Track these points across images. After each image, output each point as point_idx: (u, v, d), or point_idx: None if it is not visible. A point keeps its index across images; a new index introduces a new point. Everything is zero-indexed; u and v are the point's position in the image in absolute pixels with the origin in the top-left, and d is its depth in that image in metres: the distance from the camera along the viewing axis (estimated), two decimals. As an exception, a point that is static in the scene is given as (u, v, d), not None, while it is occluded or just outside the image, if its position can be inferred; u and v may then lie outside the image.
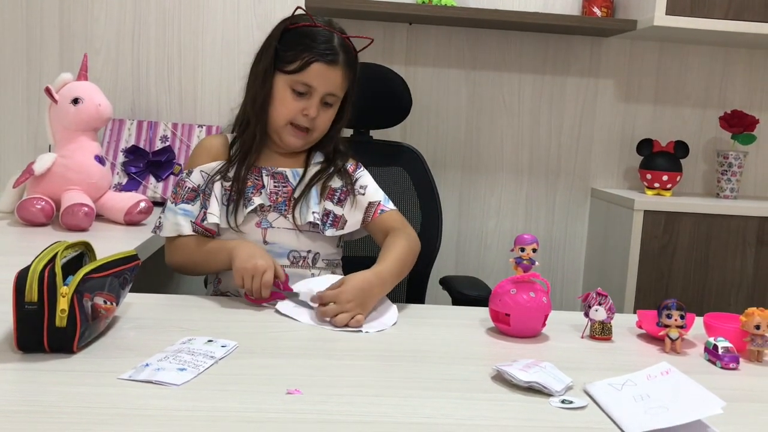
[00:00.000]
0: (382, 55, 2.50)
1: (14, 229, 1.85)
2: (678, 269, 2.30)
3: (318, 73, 1.44)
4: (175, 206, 1.48)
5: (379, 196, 1.55)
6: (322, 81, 1.45)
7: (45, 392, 0.89)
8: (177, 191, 1.50)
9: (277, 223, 1.48)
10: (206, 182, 1.49)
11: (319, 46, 1.44)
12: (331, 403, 0.91)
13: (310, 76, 1.44)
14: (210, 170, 1.49)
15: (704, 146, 2.66)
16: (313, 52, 1.44)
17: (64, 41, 2.41)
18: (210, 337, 1.12)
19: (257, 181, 1.49)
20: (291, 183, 1.50)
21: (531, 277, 1.25)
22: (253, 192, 1.47)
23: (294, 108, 1.46)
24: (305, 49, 1.44)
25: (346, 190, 1.52)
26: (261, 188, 1.48)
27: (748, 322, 1.17)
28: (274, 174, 1.50)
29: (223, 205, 1.47)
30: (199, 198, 1.48)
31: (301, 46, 1.45)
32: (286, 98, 1.46)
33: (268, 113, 1.49)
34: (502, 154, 2.61)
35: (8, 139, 2.43)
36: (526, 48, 2.56)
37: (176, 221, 1.47)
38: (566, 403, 0.95)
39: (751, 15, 2.26)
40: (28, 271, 0.98)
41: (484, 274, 2.59)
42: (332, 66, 1.45)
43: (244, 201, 1.46)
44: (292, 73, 1.45)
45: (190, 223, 1.47)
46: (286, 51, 1.46)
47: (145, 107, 2.46)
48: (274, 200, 1.48)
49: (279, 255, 1.47)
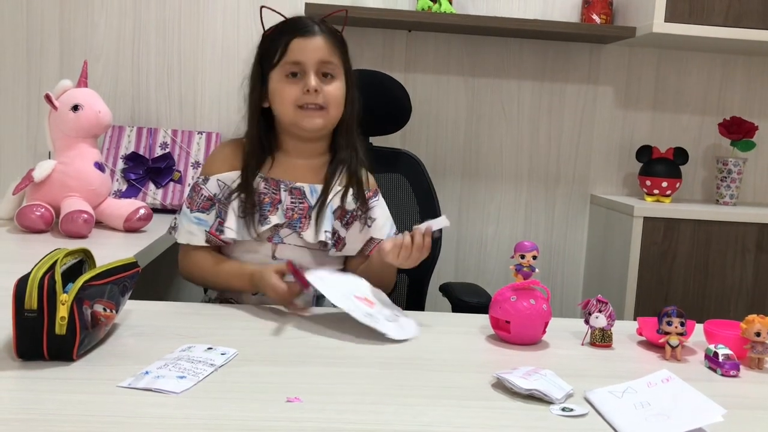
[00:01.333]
0: (381, 62, 2.50)
1: (13, 236, 1.85)
2: (678, 276, 2.30)
3: (299, 47, 1.44)
4: (190, 213, 1.48)
5: (382, 233, 1.53)
6: (306, 53, 1.44)
7: (44, 400, 0.89)
8: (193, 197, 1.49)
9: (289, 239, 1.47)
10: (223, 192, 1.47)
11: (291, 27, 1.46)
12: (330, 411, 0.91)
13: (293, 53, 1.44)
14: (228, 180, 1.48)
15: (703, 153, 2.66)
16: (289, 33, 1.45)
17: (64, 48, 2.41)
18: (210, 345, 1.11)
19: (275, 195, 1.47)
20: (308, 200, 1.48)
21: (531, 284, 1.25)
22: (270, 209, 1.46)
23: (295, 90, 1.44)
24: (283, 35, 1.46)
25: (356, 215, 1.52)
26: (278, 203, 1.47)
27: (748, 329, 1.17)
28: (292, 189, 1.48)
29: (239, 217, 1.46)
30: (215, 208, 1.47)
31: (279, 35, 1.46)
32: (284, 86, 1.45)
33: (270, 118, 1.49)
34: (501, 161, 2.61)
35: (8, 146, 2.44)
36: (525, 55, 2.57)
37: (190, 229, 1.47)
38: (567, 410, 0.95)
39: (749, 22, 2.27)
40: (28, 279, 0.98)
41: (483, 280, 2.59)
42: (311, 36, 1.45)
43: (260, 217, 1.45)
44: (279, 62, 1.45)
45: (204, 232, 1.46)
46: (267, 51, 1.47)
47: (145, 114, 2.46)
48: (289, 216, 1.47)
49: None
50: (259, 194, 1.47)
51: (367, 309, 1.27)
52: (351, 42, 2.53)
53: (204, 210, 1.48)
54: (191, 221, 1.47)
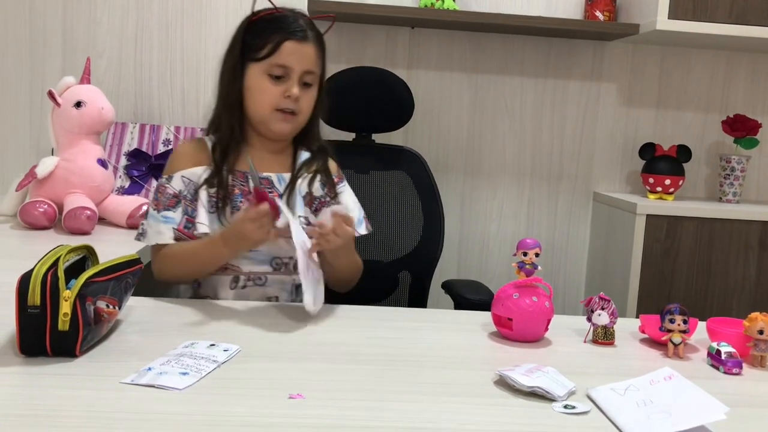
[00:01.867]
0: (384, 58, 2.50)
1: (17, 232, 1.85)
2: (680, 273, 2.30)
3: (291, 51, 1.43)
4: (157, 213, 1.45)
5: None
6: (297, 58, 1.43)
7: (47, 396, 0.89)
8: (158, 197, 1.46)
9: None
10: (188, 188, 1.46)
11: (286, 26, 1.44)
12: (333, 408, 0.91)
13: (284, 56, 1.43)
14: (192, 176, 1.46)
15: (707, 150, 2.66)
16: (282, 32, 1.43)
17: (67, 45, 2.41)
18: (212, 341, 1.11)
19: (243, 187, 1.47)
20: (277, 189, 1.48)
21: (533, 281, 1.25)
22: (242, 200, 1.45)
23: (275, 93, 1.44)
24: (274, 32, 1.43)
25: (325, 201, 1.52)
26: (248, 194, 1.46)
27: (751, 327, 1.17)
28: (260, 179, 1.46)
29: (210, 212, 1.44)
30: (181, 204, 1.45)
31: (270, 30, 1.44)
32: (265, 85, 1.44)
33: (242, 109, 1.48)
34: (504, 158, 2.61)
35: (11, 143, 2.44)
36: (528, 52, 2.56)
37: (158, 229, 1.44)
38: (569, 408, 0.95)
39: (753, 19, 2.26)
40: (31, 275, 0.98)
41: (486, 277, 2.59)
42: (304, 42, 1.44)
43: (231, 209, 1.44)
44: (266, 58, 1.43)
45: (172, 230, 1.44)
46: (254, 40, 1.45)
47: (148, 111, 2.46)
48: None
49: (262, 262, 1.46)
50: (229, 186, 1.45)
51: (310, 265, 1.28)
52: (353, 38, 2.54)
53: (170, 208, 1.45)
54: (159, 221, 1.44)
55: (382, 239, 2.04)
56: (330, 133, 2.17)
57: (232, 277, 1.45)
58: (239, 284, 1.45)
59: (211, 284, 1.46)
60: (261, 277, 1.46)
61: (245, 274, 1.45)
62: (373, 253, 2.03)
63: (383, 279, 2.04)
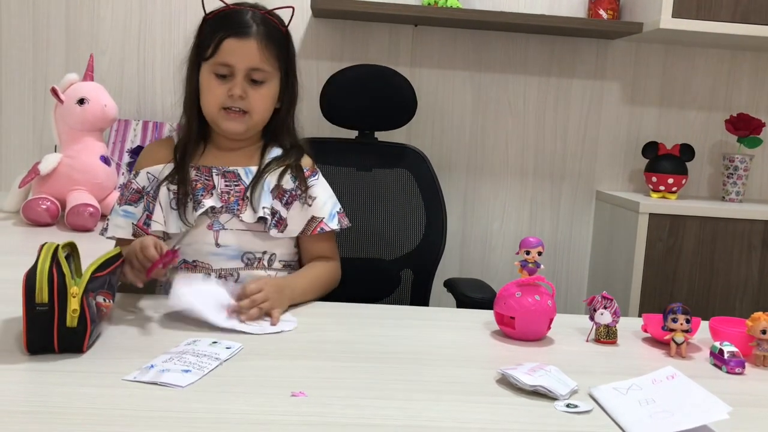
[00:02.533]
0: (387, 56, 2.50)
1: (20, 228, 1.86)
2: (683, 272, 2.29)
3: (231, 49, 1.41)
4: (119, 207, 1.46)
5: (324, 212, 1.49)
6: (237, 57, 1.41)
7: (50, 393, 0.89)
8: (123, 192, 1.47)
9: (230, 224, 1.43)
10: (152, 185, 1.46)
11: (228, 24, 1.43)
12: (335, 406, 0.91)
13: (224, 54, 1.41)
14: (156, 172, 1.46)
15: (710, 149, 2.65)
16: (224, 31, 1.42)
17: (70, 42, 2.41)
18: (215, 339, 1.12)
19: (207, 181, 1.44)
20: (244, 182, 1.46)
21: (536, 280, 1.25)
22: (203, 194, 1.43)
23: (220, 92, 1.42)
24: (218, 30, 1.43)
25: (296, 194, 1.49)
26: (212, 189, 1.44)
27: (754, 326, 1.17)
28: (225, 173, 1.46)
29: (173, 209, 1.42)
30: (143, 200, 1.46)
31: (215, 28, 1.43)
32: (211, 85, 1.43)
33: (198, 108, 1.47)
34: (507, 156, 2.60)
35: (14, 139, 2.44)
36: (531, 50, 2.56)
37: (117, 223, 1.45)
38: (571, 407, 0.95)
39: (757, 18, 2.25)
40: (36, 272, 0.98)
41: (488, 276, 2.58)
42: (244, 39, 1.42)
43: (194, 203, 1.42)
44: (210, 58, 1.43)
45: (131, 225, 1.45)
46: (204, 40, 1.45)
47: (151, 108, 2.46)
48: (225, 200, 1.43)
49: (232, 257, 1.43)
50: (191, 182, 1.44)
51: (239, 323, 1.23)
52: (356, 36, 2.53)
53: (132, 203, 1.46)
54: (119, 214, 1.45)
55: (385, 237, 2.04)
56: (333, 130, 2.18)
57: (204, 274, 1.41)
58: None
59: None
60: (233, 273, 1.43)
61: (216, 271, 1.42)
62: (375, 251, 2.03)
63: (385, 277, 2.04)
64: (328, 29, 2.47)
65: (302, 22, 2.46)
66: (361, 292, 1.57)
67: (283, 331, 1.21)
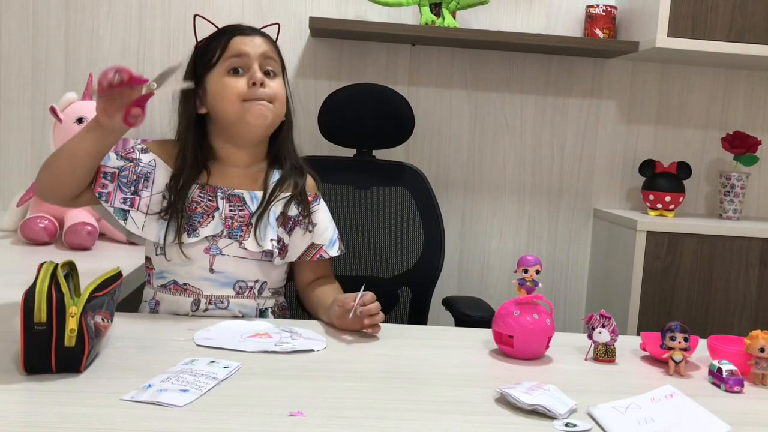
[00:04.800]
0: (385, 75, 2.51)
1: (17, 247, 1.86)
2: (681, 290, 2.29)
3: (241, 41, 1.42)
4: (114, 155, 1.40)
5: (324, 239, 1.49)
6: (249, 46, 1.41)
7: (46, 413, 0.89)
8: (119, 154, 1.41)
9: (228, 250, 1.40)
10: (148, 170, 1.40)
11: (230, 29, 1.45)
12: (333, 426, 0.90)
13: (236, 47, 1.41)
14: (159, 165, 1.42)
15: (707, 167, 2.66)
16: (228, 34, 1.43)
17: (69, 61, 2.43)
18: (212, 358, 1.11)
19: (211, 202, 1.40)
20: (249, 207, 1.42)
21: (534, 298, 1.25)
22: (202, 219, 1.39)
23: (239, 84, 1.39)
24: (219, 37, 1.44)
25: (298, 220, 1.47)
26: (214, 211, 1.40)
27: (752, 344, 1.17)
28: (230, 197, 1.42)
29: (162, 219, 1.38)
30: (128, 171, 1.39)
31: (214, 41, 1.44)
32: (227, 82, 1.39)
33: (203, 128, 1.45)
34: (504, 175, 2.61)
35: (12, 158, 2.44)
36: (528, 69, 2.57)
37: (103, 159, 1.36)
38: (570, 426, 0.94)
39: (752, 37, 2.27)
40: (35, 292, 0.97)
41: (486, 294, 2.58)
42: (251, 35, 1.44)
43: (189, 228, 1.37)
44: (219, 59, 1.41)
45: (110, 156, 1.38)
46: (205, 55, 1.43)
47: (149, 127, 2.47)
48: (229, 225, 1.40)
49: (224, 284, 1.40)
50: (192, 202, 1.40)
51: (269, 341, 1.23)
52: (354, 55, 2.55)
53: (124, 159, 1.40)
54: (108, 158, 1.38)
55: (383, 255, 2.04)
56: (331, 149, 2.18)
57: (193, 299, 1.39)
58: (200, 307, 1.39)
59: (170, 304, 1.41)
60: (223, 301, 1.40)
61: (206, 297, 1.40)
62: (373, 269, 2.03)
63: (383, 295, 2.02)
64: (326, 49, 2.49)
65: (300, 41, 2.48)
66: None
67: (314, 350, 1.21)
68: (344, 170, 2.07)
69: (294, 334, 1.28)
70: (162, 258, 1.41)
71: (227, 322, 1.32)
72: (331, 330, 1.34)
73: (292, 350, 1.19)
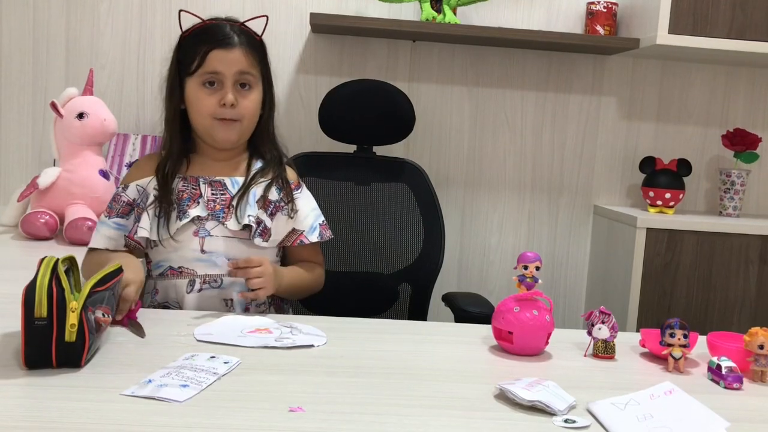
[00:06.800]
0: (386, 72, 2.51)
1: (18, 242, 1.86)
2: (680, 287, 2.30)
3: (219, 58, 1.46)
4: (108, 219, 1.49)
5: (305, 225, 1.56)
6: (225, 64, 1.46)
7: (47, 408, 0.89)
8: (111, 205, 1.51)
9: (215, 231, 1.48)
10: (141, 197, 1.50)
11: (211, 37, 1.47)
12: (333, 421, 0.91)
13: (212, 63, 1.46)
14: (144, 184, 1.50)
15: (707, 164, 2.66)
16: (207, 44, 1.47)
17: (70, 56, 2.42)
18: (212, 353, 1.11)
19: (194, 190, 1.49)
20: (230, 191, 1.51)
21: (534, 295, 1.25)
22: (189, 203, 1.47)
23: (211, 102, 1.47)
24: (200, 44, 1.47)
25: (280, 206, 1.54)
26: (198, 197, 1.48)
27: (751, 341, 1.17)
28: (212, 182, 1.51)
29: (156, 216, 1.46)
30: (134, 212, 1.50)
31: (197, 43, 1.48)
32: (201, 96, 1.47)
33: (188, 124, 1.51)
34: (504, 171, 2.61)
35: (13, 153, 2.44)
36: (529, 65, 2.57)
37: (109, 234, 1.48)
38: (569, 422, 0.95)
39: (752, 34, 2.27)
40: (35, 287, 0.98)
41: (486, 290, 2.59)
42: (230, 48, 1.47)
43: (179, 213, 1.46)
44: (196, 70, 1.47)
45: (123, 237, 1.49)
46: (186, 56, 1.49)
47: (150, 122, 2.47)
48: (211, 208, 1.48)
49: (216, 264, 1.47)
50: (178, 192, 1.48)
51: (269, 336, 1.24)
52: (355, 52, 2.54)
53: (123, 215, 1.50)
54: (110, 227, 1.49)
55: (383, 251, 2.04)
56: (331, 144, 2.18)
57: (189, 280, 1.47)
58: (195, 287, 1.47)
59: (167, 289, 1.48)
60: (217, 279, 1.47)
61: (200, 277, 1.47)
62: (373, 265, 2.04)
63: (383, 291, 2.04)
64: (327, 45, 2.49)
65: (301, 37, 2.47)
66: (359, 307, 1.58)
67: (315, 345, 1.21)
68: (344, 166, 2.07)
69: (294, 329, 1.28)
70: (158, 248, 1.48)
71: (227, 317, 1.33)
72: (332, 325, 1.35)
73: (292, 345, 1.20)
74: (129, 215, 1.50)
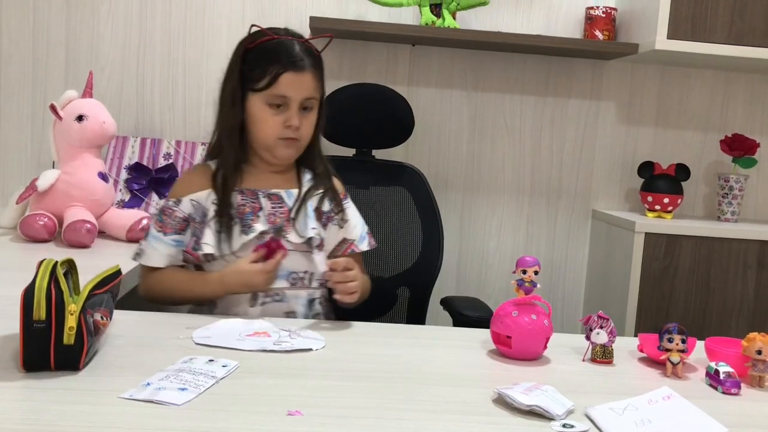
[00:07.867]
0: (385, 76, 2.51)
1: (16, 245, 1.86)
2: (679, 292, 2.30)
3: (289, 82, 1.45)
4: (165, 236, 1.47)
5: (355, 234, 1.58)
6: (295, 89, 1.46)
7: (45, 411, 0.89)
8: (164, 220, 1.48)
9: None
10: (197, 212, 1.48)
11: (283, 57, 1.46)
12: (331, 425, 0.91)
13: (283, 88, 1.45)
14: (201, 199, 1.48)
15: (705, 169, 2.67)
16: (279, 64, 1.45)
17: (69, 58, 2.43)
18: (211, 357, 1.11)
19: (254, 204, 1.49)
20: (287, 204, 1.52)
21: (532, 299, 1.25)
22: (252, 218, 1.47)
23: (277, 123, 1.47)
24: (271, 63, 1.45)
25: (331, 216, 1.55)
26: (259, 210, 1.48)
27: (749, 347, 1.17)
28: (270, 195, 1.51)
29: (217, 232, 1.45)
30: (190, 227, 1.48)
31: (266, 61, 1.46)
32: (266, 116, 1.47)
33: (244, 135, 1.50)
34: (503, 175, 2.61)
35: (12, 155, 2.44)
36: (528, 70, 2.58)
37: (168, 252, 1.47)
38: (567, 427, 0.95)
39: (751, 40, 2.28)
40: (34, 289, 0.98)
41: (485, 294, 2.59)
42: (301, 72, 1.46)
43: (243, 227, 1.46)
44: (264, 89, 1.45)
45: (182, 252, 1.48)
46: (252, 70, 1.47)
47: (149, 125, 2.47)
48: (272, 221, 1.49)
49: (279, 277, 1.46)
50: (238, 206, 1.47)
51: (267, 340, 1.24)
52: (355, 56, 2.55)
53: (180, 232, 1.48)
54: (169, 244, 1.47)
55: (382, 255, 2.04)
56: (331, 148, 2.19)
57: (251, 294, 1.46)
58: (258, 301, 1.46)
59: (228, 303, 1.46)
60: (278, 293, 1.48)
61: (264, 291, 1.46)
62: (372, 268, 2.04)
63: (382, 295, 2.04)
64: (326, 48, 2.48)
65: (301, 40, 2.47)
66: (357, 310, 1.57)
67: (313, 349, 1.21)
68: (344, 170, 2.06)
69: (292, 333, 1.28)
70: (216, 262, 1.47)
71: (226, 320, 1.33)
72: (330, 329, 1.35)
73: (291, 349, 1.20)
74: (185, 231, 1.48)
